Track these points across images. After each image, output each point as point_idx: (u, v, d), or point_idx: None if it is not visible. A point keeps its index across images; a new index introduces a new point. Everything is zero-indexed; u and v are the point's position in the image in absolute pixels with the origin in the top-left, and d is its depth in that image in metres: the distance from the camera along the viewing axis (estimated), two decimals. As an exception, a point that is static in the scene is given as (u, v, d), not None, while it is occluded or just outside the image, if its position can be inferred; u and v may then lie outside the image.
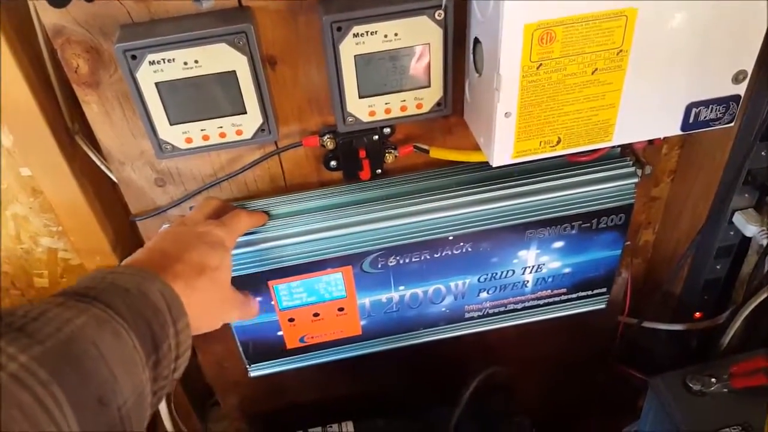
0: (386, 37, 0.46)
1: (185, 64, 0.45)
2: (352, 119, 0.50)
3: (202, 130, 0.49)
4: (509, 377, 0.68)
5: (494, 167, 0.48)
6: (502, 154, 0.47)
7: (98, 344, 0.30)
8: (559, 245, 0.61)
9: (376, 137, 0.53)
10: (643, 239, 0.80)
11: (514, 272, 0.62)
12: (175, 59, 0.45)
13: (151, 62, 0.44)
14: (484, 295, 0.63)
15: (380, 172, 0.56)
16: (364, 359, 0.66)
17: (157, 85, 0.46)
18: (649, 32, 0.42)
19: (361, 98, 0.49)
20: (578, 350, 0.79)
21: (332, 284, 0.59)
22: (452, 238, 0.58)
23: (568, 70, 0.44)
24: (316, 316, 0.61)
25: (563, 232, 0.59)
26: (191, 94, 0.46)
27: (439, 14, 0.46)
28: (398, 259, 0.58)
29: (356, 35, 0.45)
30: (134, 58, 0.44)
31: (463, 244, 0.58)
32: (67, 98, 0.54)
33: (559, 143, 0.48)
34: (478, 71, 0.47)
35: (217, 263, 0.44)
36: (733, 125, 0.49)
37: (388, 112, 0.50)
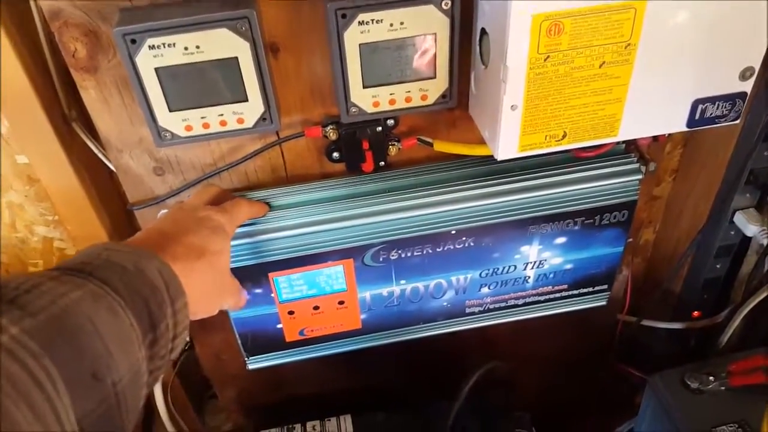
0: (392, 25, 0.45)
1: (186, 49, 0.44)
2: (355, 110, 0.49)
3: (202, 117, 0.48)
4: (509, 373, 0.68)
5: (498, 161, 0.48)
6: (507, 147, 0.47)
7: (93, 319, 0.29)
8: (561, 241, 0.60)
9: (379, 129, 0.52)
10: (643, 238, 0.80)
11: (515, 268, 0.62)
12: (175, 44, 0.44)
13: (150, 47, 0.44)
14: (485, 290, 0.63)
15: (383, 164, 0.56)
16: (363, 353, 0.66)
17: (156, 70, 0.45)
18: (657, 26, 0.42)
19: (365, 88, 0.48)
20: (578, 347, 0.79)
21: (333, 277, 0.58)
22: (455, 232, 0.57)
23: (575, 62, 0.43)
24: (316, 309, 0.60)
25: (566, 228, 0.59)
26: (192, 80, 0.46)
27: (446, 3, 0.45)
28: (400, 252, 0.57)
29: (361, 23, 0.44)
30: (134, 42, 0.43)
31: (465, 238, 0.58)
32: (64, 84, 0.53)
33: (564, 137, 0.47)
34: (484, 63, 0.47)
35: (217, 248, 0.43)
36: (738, 123, 0.49)
37: (392, 103, 0.49)
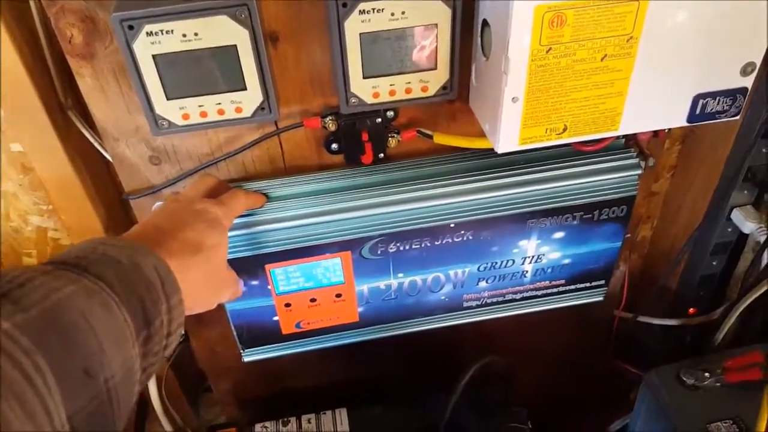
0: (393, 15, 0.45)
1: (184, 36, 0.43)
2: (355, 100, 0.49)
3: (200, 106, 0.47)
4: (506, 367, 0.68)
5: (498, 155, 0.48)
6: (507, 140, 0.46)
7: (87, 315, 0.29)
8: (559, 236, 0.60)
9: (379, 120, 0.52)
10: (641, 234, 0.80)
11: (513, 262, 0.61)
12: (173, 31, 0.43)
13: (148, 33, 0.43)
14: (483, 284, 0.63)
15: (382, 156, 0.55)
16: (360, 346, 0.65)
17: (154, 57, 0.44)
18: (660, 19, 0.42)
19: (365, 79, 0.47)
20: (574, 343, 0.79)
21: (330, 270, 0.58)
22: (453, 225, 0.57)
23: (577, 55, 0.43)
24: (313, 301, 0.60)
25: (564, 222, 0.59)
26: (190, 68, 0.45)
27: (448, -6, 0.45)
28: (398, 245, 0.57)
29: (362, 12, 0.44)
30: (131, 28, 0.43)
31: (464, 232, 0.57)
32: (60, 71, 0.52)
33: (565, 131, 0.47)
34: (485, 55, 0.46)
35: (214, 242, 0.43)
36: (738, 119, 0.49)
37: (392, 94, 0.49)
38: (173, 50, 0.44)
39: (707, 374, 0.62)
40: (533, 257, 0.62)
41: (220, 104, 0.47)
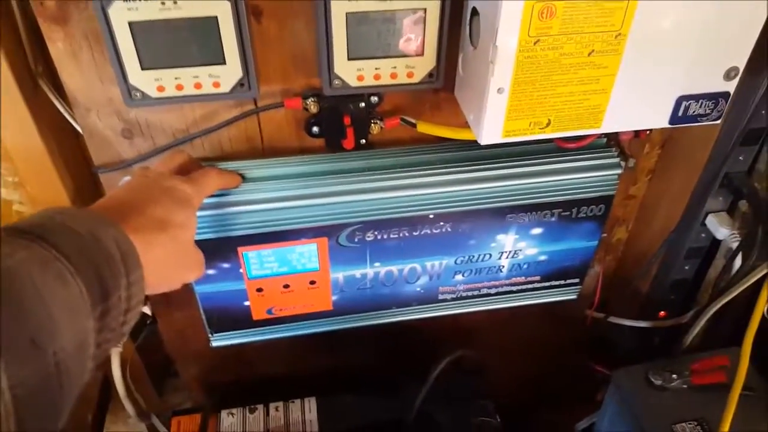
0: (382, -4, 0.44)
1: (163, 4, 0.42)
2: (339, 82, 0.48)
3: (176, 78, 0.46)
4: (478, 361, 0.68)
5: (480, 147, 0.47)
6: (491, 132, 0.46)
7: (37, 283, 0.27)
8: (537, 232, 0.60)
9: (362, 105, 0.51)
10: (616, 237, 0.81)
11: (490, 256, 0.61)
12: (152, -3, 0.42)
13: (126, -1, 0.41)
14: (459, 277, 0.62)
15: (364, 142, 0.54)
16: (333, 336, 0.65)
17: (130, 24, 0.43)
18: (648, 18, 0.42)
19: (350, 60, 0.46)
20: (546, 340, 0.79)
21: (305, 255, 0.57)
22: (432, 216, 0.56)
23: (565, 49, 0.42)
24: (286, 287, 0.59)
25: (543, 218, 0.59)
26: (167, 37, 0.43)
27: (438, -22, 0.44)
28: (376, 234, 0.56)
29: (351, -9, 0.43)
30: (108, -8, 0.41)
31: (443, 223, 0.57)
32: (31, 36, 0.50)
33: (548, 125, 0.47)
34: (473, 44, 0.46)
35: (181, 221, 0.41)
36: (719, 123, 0.49)
37: (377, 78, 0.48)
38: (151, 18, 0.42)
39: (675, 376, 0.62)
40: (510, 252, 0.61)
41: (197, 78, 0.46)
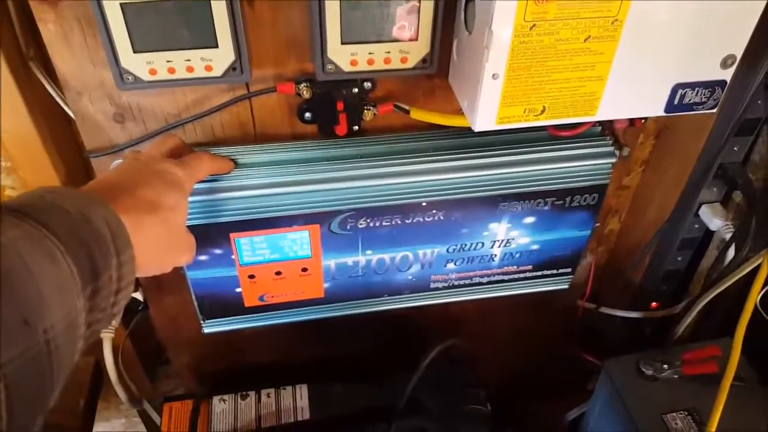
0: (376, -20, 0.43)
1: (155, -15, 0.41)
2: (332, 67, 0.47)
3: (168, 61, 0.45)
4: (469, 350, 0.68)
5: (474, 135, 0.47)
6: (485, 119, 0.46)
7: (27, 261, 0.27)
8: (530, 221, 0.60)
9: (355, 90, 0.51)
10: (609, 227, 0.81)
11: (483, 245, 0.61)
12: (144, -21, 0.41)
13: (117, -21, 0.41)
14: (451, 266, 0.62)
15: (357, 129, 0.54)
16: (325, 323, 0.64)
17: (122, 6, 0.42)
18: (645, 4, 0.41)
19: (343, 44, 0.46)
20: (538, 330, 0.79)
21: (297, 242, 0.56)
22: (425, 204, 0.56)
23: (560, 34, 0.42)
24: (278, 274, 0.59)
25: (536, 207, 0.59)
26: (159, 20, 0.43)
27: (433, -38, 0.43)
28: (368, 221, 0.56)
29: (345, -26, 0.43)
30: (99, -27, 0.40)
31: (435, 211, 0.57)
32: (23, 18, 0.49)
33: (543, 112, 0.46)
34: (468, 29, 0.45)
35: (172, 203, 0.41)
36: (714, 112, 0.49)
37: (371, 63, 0.47)
38: (143, 0, 0.42)
39: (666, 366, 0.63)
40: (503, 241, 0.61)
41: (189, 61, 0.45)
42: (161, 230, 0.40)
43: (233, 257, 0.56)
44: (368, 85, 0.52)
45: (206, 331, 0.63)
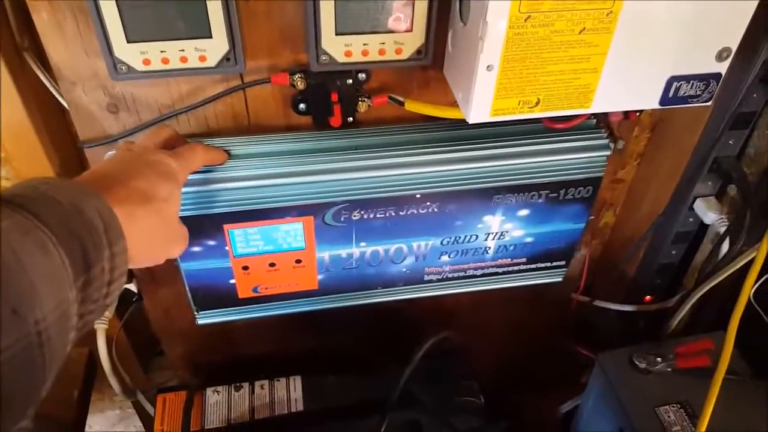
0: (370, -30, 0.43)
1: (148, -26, 0.41)
2: (326, 58, 0.47)
3: (161, 51, 0.45)
4: (463, 343, 0.68)
5: (469, 127, 0.47)
6: (479, 110, 0.45)
7: (18, 252, 0.27)
8: (524, 213, 0.60)
9: (350, 81, 0.51)
10: (603, 221, 0.81)
11: (477, 237, 0.61)
12: (137, -33, 0.41)
13: (110, -32, 0.40)
14: (445, 258, 0.62)
15: (351, 120, 0.54)
16: (318, 315, 0.65)
17: (115, -5, 0.42)
18: (641, -4, 0.41)
19: (337, 35, 0.46)
20: (532, 323, 0.80)
21: (291, 234, 0.56)
22: (419, 196, 0.56)
23: (555, 26, 0.42)
24: (272, 266, 0.59)
25: (530, 200, 0.59)
26: (153, 9, 0.43)
27: (428, -47, 0.43)
28: (362, 213, 0.56)
29: (339, -36, 0.42)
30: (91, -39, 0.40)
31: (429, 203, 0.57)
32: (16, 8, 0.49)
33: (537, 105, 0.46)
34: (463, 20, 0.45)
35: (165, 194, 0.41)
36: (709, 105, 0.49)
37: (365, 54, 0.47)
38: (135, -12, 0.42)
39: (659, 359, 0.63)
40: (497, 234, 0.61)
41: (183, 51, 0.45)
42: (154, 221, 0.40)
43: (227, 248, 0.56)
44: (363, 76, 0.51)
45: (200, 322, 0.63)
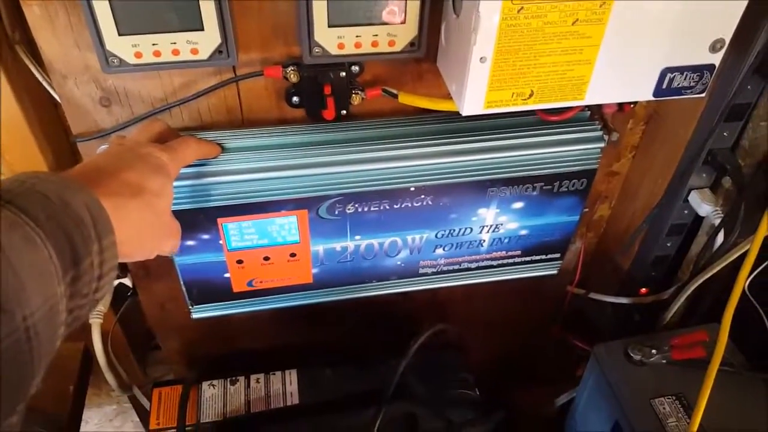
0: (363, -39, 0.43)
1: (139, -34, 0.41)
2: (319, 50, 0.47)
3: (153, 44, 0.45)
4: (458, 335, 0.68)
5: (462, 119, 0.47)
6: (473, 103, 0.45)
7: (4, 247, 0.27)
8: (518, 206, 0.60)
9: (343, 74, 0.50)
10: (598, 214, 0.81)
11: (471, 230, 0.61)
12: (127, -41, 0.40)
13: (100, -40, 0.40)
14: (439, 251, 0.62)
15: (345, 113, 0.54)
16: (313, 308, 0.65)
17: (106, -13, 0.41)
18: (633, -13, 0.41)
19: (330, 27, 0.46)
20: (527, 316, 0.80)
21: (286, 228, 0.56)
22: (414, 189, 0.56)
23: (548, 17, 0.42)
24: (266, 260, 0.59)
25: (524, 192, 0.59)
26: (145, 2, 0.42)
27: (420, -56, 0.43)
28: (356, 206, 0.56)
29: (330, -45, 0.42)
30: (81, -47, 0.40)
31: (423, 196, 0.57)
32: (7, 3, 0.49)
33: (531, 96, 0.46)
34: (456, 12, 0.45)
35: (156, 188, 0.40)
36: (704, 96, 0.49)
37: (358, 46, 0.47)
38: (126, -20, 0.41)
39: (654, 351, 0.63)
40: (491, 226, 0.61)
41: (175, 44, 0.45)
42: (145, 215, 0.39)
43: (221, 242, 0.56)
44: (356, 68, 0.51)
45: (195, 316, 0.63)
